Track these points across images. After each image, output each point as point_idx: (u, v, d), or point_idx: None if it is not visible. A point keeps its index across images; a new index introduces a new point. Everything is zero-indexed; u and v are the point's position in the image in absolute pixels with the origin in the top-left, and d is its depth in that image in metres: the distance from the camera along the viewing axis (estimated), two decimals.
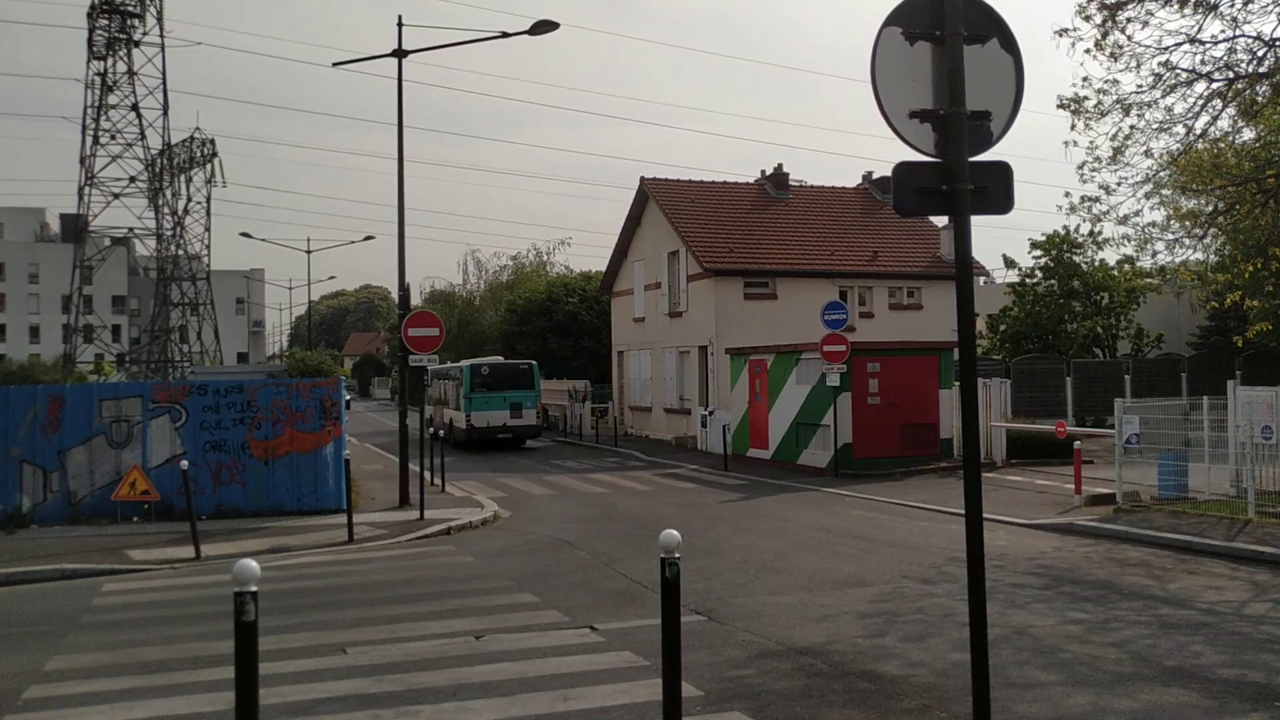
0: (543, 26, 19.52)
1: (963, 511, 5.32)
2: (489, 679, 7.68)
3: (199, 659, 8.47)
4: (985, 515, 5.53)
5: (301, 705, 7.16)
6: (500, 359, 36.08)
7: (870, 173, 38.64)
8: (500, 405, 31.58)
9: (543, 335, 43.94)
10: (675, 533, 6.01)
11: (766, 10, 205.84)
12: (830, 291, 31.05)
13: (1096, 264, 36.16)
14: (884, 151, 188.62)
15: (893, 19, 5.29)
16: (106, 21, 61.28)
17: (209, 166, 65.97)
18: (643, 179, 35.67)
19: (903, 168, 5.31)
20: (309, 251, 64.34)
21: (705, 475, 23.49)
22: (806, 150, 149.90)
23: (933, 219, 33.15)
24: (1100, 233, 34.83)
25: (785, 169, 36.78)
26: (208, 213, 67.25)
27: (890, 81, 5.27)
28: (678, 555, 5.98)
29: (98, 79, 61.70)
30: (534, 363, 33.82)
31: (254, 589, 5.17)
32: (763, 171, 37.32)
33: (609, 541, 14.31)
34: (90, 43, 61.40)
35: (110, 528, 16.18)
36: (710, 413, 29.75)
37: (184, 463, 14.72)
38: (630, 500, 19.26)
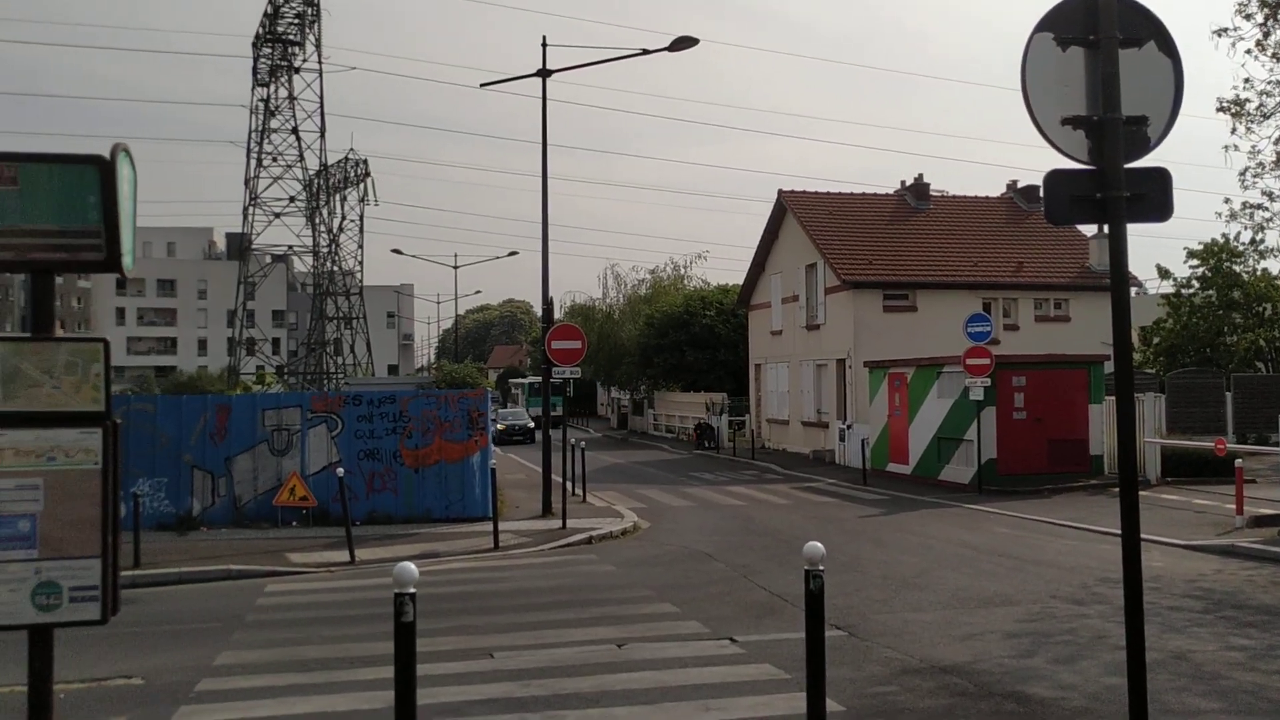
0: (683, 43, 19.70)
1: (1115, 530, 5.17)
2: (631, 687, 7.80)
3: (356, 659, 8.84)
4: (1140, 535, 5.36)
5: (453, 706, 7.41)
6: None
7: (1014, 181, 37.58)
8: (537, 405, 45.18)
9: (680, 348, 44.11)
10: (819, 545, 6.02)
11: (899, 25, 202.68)
12: (973, 303, 30.27)
13: (1259, 273, 34.22)
14: (1027, 160, 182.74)
15: (1044, 25, 5.20)
16: (270, 50, 64.45)
17: (362, 186, 68.29)
18: (780, 191, 35.54)
19: (1055, 175, 5.21)
20: (456, 267, 66.25)
21: (843, 489, 23.21)
22: (949, 160, 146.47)
23: (1081, 228, 32.03)
24: (1263, 241, 32.90)
25: (925, 179, 36.15)
26: (361, 230, 69.58)
27: (1041, 88, 5.18)
28: (822, 568, 5.98)
29: (261, 104, 64.91)
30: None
31: (413, 591, 5.42)
32: (902, 182, 36.76)
33: (747, 554, 14.30)
34: (255, 70, 64.76)
35: (271, 531, 17.02)
36: (848, 426, 29.37)
37: (340, 470, 15.37)
38: (768, 513, 19.19)
